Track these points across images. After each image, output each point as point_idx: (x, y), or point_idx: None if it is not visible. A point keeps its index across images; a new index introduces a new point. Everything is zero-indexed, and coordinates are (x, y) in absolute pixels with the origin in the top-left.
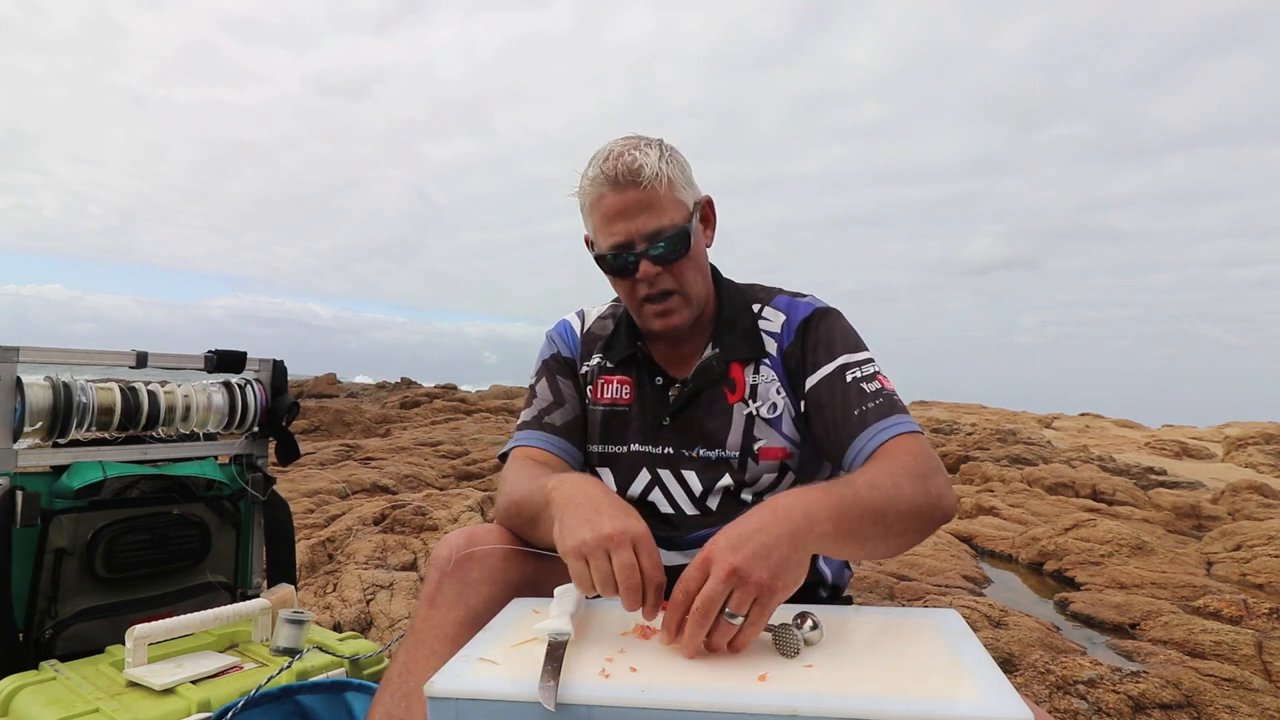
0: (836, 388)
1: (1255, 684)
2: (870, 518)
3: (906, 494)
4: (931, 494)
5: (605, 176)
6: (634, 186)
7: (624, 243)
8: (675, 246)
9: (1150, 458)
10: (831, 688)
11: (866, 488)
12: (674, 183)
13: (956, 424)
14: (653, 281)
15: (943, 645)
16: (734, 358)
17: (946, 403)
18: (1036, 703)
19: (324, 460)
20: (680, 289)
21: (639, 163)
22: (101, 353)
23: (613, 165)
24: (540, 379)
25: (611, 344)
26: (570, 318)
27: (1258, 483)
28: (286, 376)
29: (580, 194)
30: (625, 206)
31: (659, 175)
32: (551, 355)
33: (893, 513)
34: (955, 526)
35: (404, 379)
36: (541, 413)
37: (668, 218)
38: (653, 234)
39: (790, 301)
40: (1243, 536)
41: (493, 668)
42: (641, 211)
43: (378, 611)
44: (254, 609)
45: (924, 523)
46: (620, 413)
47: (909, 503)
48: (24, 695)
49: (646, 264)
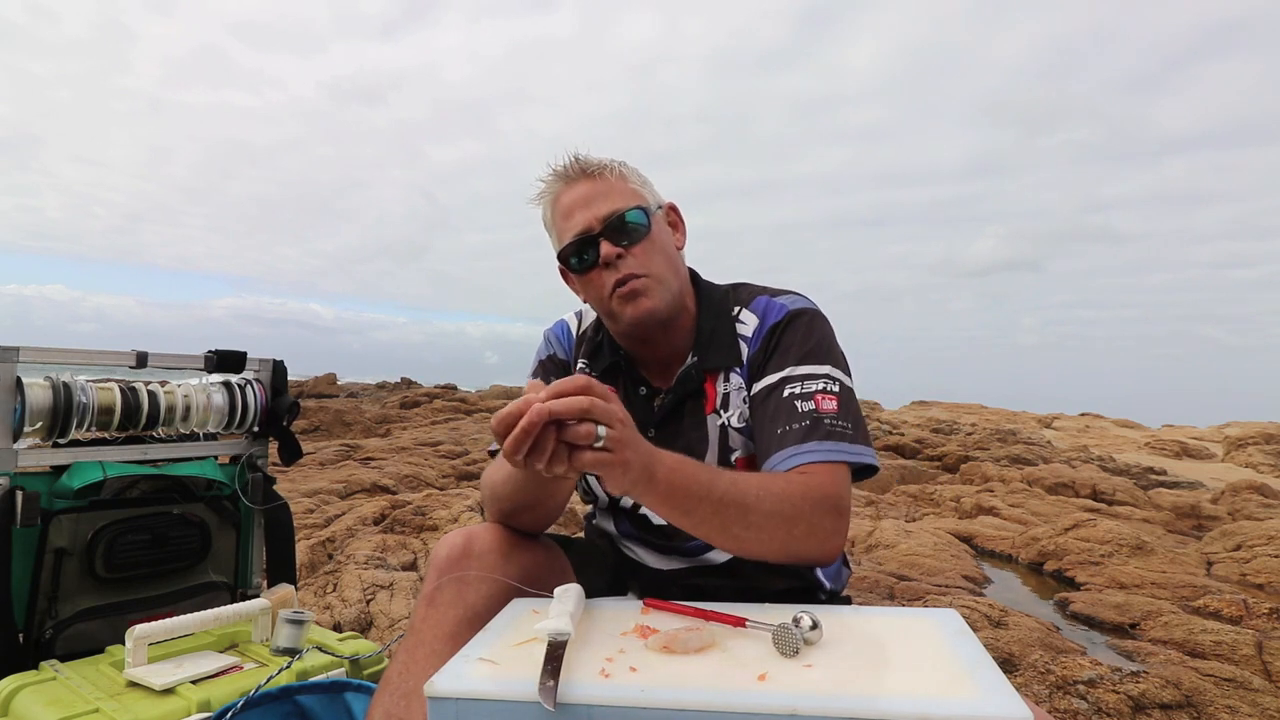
0: (771, 401)
1: (1255, 684)
2: (705, 511)
3: (762, 519)
4: (798, 532)
5: (555, 173)
6: (584, 177)
7: (582, 231)
8: (634, 227)
9: (1150, 458)
10: (831, 687)
11: (731, 488)
12: (626, 176)
13: (956, 424)
14: (614, 264)
15: (942, 645)
16: (710, 367)
17: (946, 403)
18: (1036, 703)
19: (324, 460)
20: (646, 272)
21: (587, 157)
22: (101, 353)
23: (561, 162)
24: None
25: (597, 352)
26: (568, 318)
27: (1258, 483)
28: (286, 376)
29: (543, 208)
30: (578, 196)
31: (608, 166)
32: (548, 356)
33: (741, 527)
34: (955, 526)
35: (404, 379)
36: None
37: (623, 202)
38: (608, 215)
39: (767, 303)
40: (1243, 536)
41: (493, 668)
42: (596, 198)
43: (378, 611)
44: (254, 609)
45: (782, 551)
46: None
47: (770, 528)
48: (24, 695)
49: (606, 244)
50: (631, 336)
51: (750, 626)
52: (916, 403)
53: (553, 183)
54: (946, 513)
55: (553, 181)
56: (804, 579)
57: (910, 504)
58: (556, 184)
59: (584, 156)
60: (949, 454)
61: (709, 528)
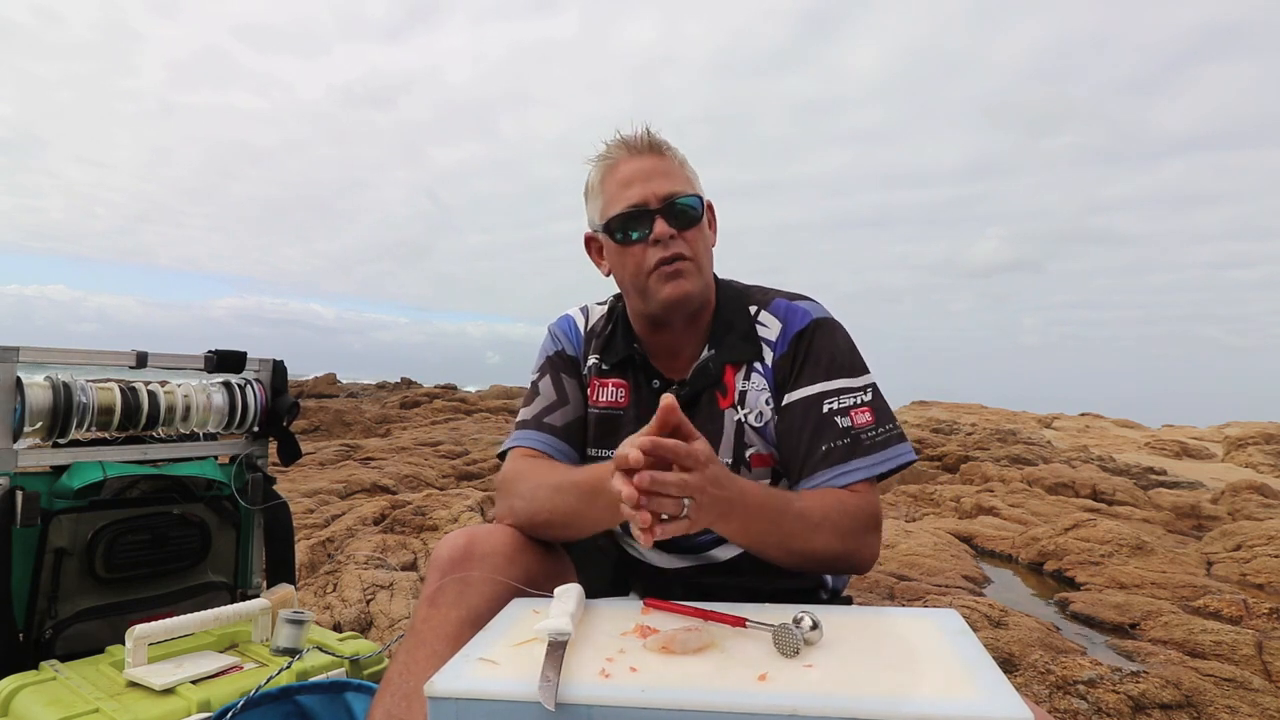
0: (811, 415)
1: (1255, 684)
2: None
3: (824, 541)
4: (848, 548)
5: (623, 143)
6: (651, 152)
7: (639, 203)
8: (690, 212)
9: (1150, 458)
10: (831, 687)
11: (797, 518)
12: (685, 164)
13: (956, 424)
14: (666, 243)
15: (942, 645)
16: (729, 359)
17: (946, 403)
18: (1036, 703)
19: (324, 460)
20: (693, 256)
21: (656, 134)
22: (101, 353)
23: (630, 134)
24: (544, 375)
25: (608, 345)
26: (574, 313)
27: (1258, 483)
28: (286, 376)
29: (592, 173)
30: (642, 169)
31: (674, 150)
32: (556, 352)
33: (803, 548)
34: (955, 526)
35: (404, 379)
36: (542, 412)
37: (683, 185)
38: (668, 195)
39: (789, 307)
40: (1243, 536)
41: (493, 667)
42: (657, 175)
43: (378, 611)
44: (254, 609)
45: (830, 568)
46: (615, 416)
47: (823, 547)
48: (24, 695)
49: (662, 222)
50: (655, 319)
51: (750, 626)
52: (916, 403)
53: (616, 149)
54: (946, 513)
55: (616, 148)
56: (807, 578)
57: (910, 504)
58: (619, 151)
59: (655, 133)
60: (949, 454)
61: (775, 551)
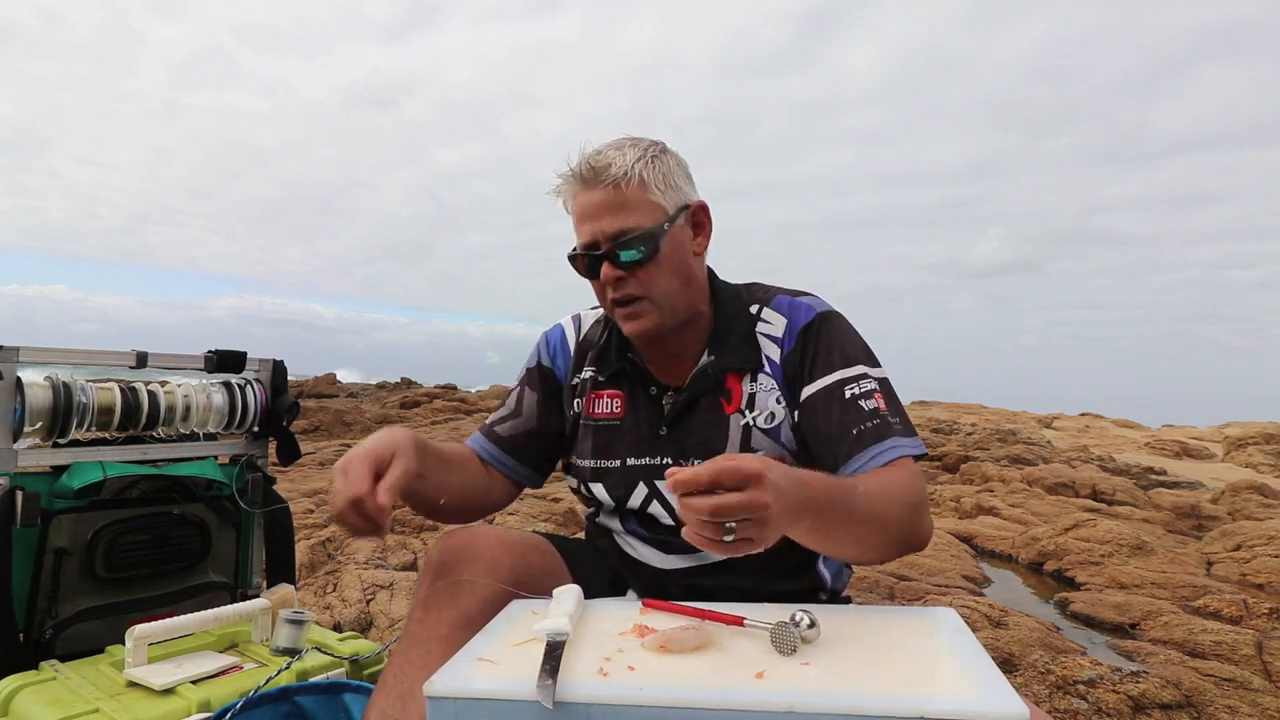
0: (835, 402)
1: (1255, 684)
2: (848, 526)
3: (895, 518)
4: (913, 524)
5: (573, 173)
6: (599, 185)
7: (589, 243)
8: (638, 250)
9: (1150, 458)
10: (828, 685)
11: (864, 499)
12: (647, 184)
13: (956, 424)
14: (615, 285)
15: (940, 643)
16: (730, 367)
17: (946, 403)
18: (1036, 703)
19: (324, 460)
20: (646, 295)
21: (607, 160)
22: (101, 353)
23: (580, 162)
24: (517, 386)
25: (603, 356)
26: (565, 323)
27: (1258, 483)
28: (286, 376)
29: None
30: (590, 205)
31: (628, 175)
32: (536, 365)
33: (875, 532)
34: (955, 526)
35: (404, 379)
36: (497, 420)
37: (634, 219)
38: (614, 235)
39: (791, 303)
40: (1243, 536)
41: (492, 667)
42: (606, 212)
43: (378, 611)
44: (254, 609)
45: (897, 549)
46: (612, 427)
47: (895, 527)
48: (24, 695)
49: (608, 267)
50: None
51: (748, 625)
52: (917, 402)
53: (570, 180)
54: (946, 513)
55: (570, 178)
56: (807, 578)
57: None
58: (573, 182)
59: (601, 159)
60: (949, 454)
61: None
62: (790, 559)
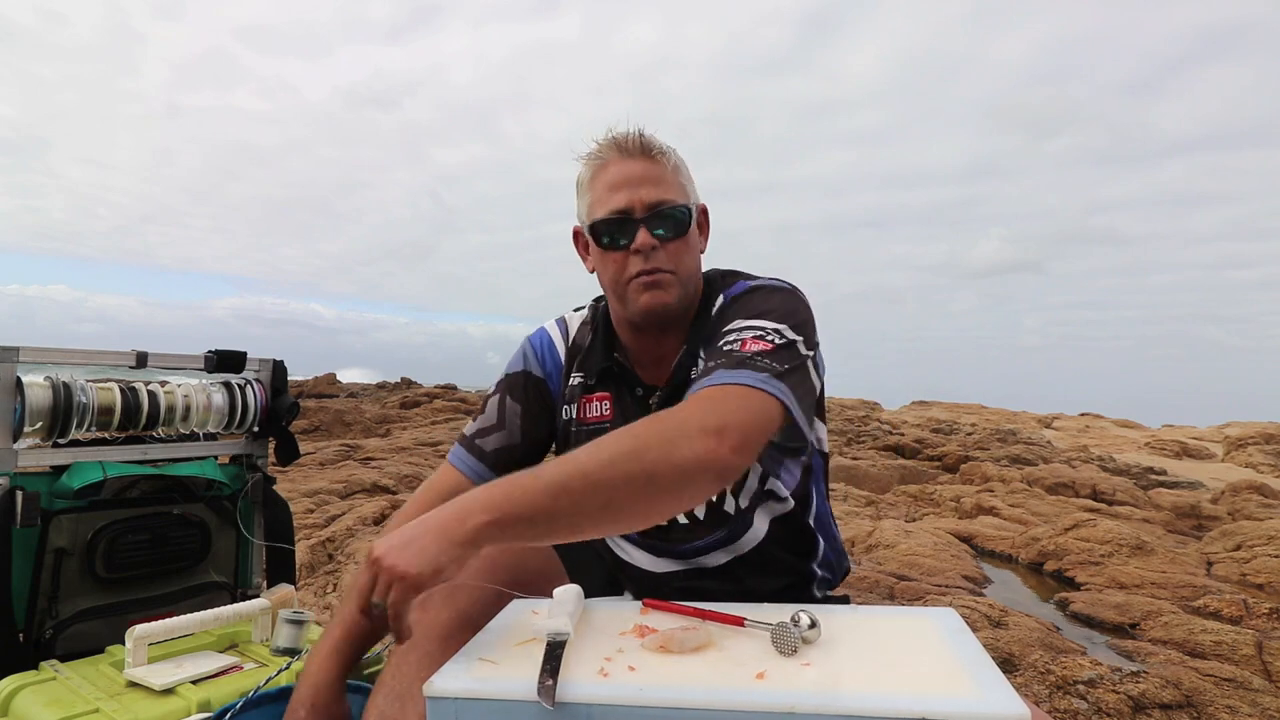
0: (713, 347)
1: (1255, 684)
2: (564, 497)
3: (633, 463)
4: (671, 450)
5: (614, 143)
6: (643, 156)
7: (624, 209)
8: (676, 222)
9: (1150, 458)
10: (829, 685)
11: (571, 463)
12: (679, 169)
13: (957, 424)
14: (648, 255)
15: (940, 643)
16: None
17: (947, 403)
18: (1036, 703)
19: (324, 460)
20: (674, 269)
21: (649, 136)
22: (101, 353)
23: (623, 134)
24: (495, 394)
25: (589, 358)
26: (550, 328)
27: (1258, 483)
28: (286, 376)
29: (582, 169)
30: (631, 174)
31: (667, 154)
32: (520, 371)
33: (606, 483)
34: (955, 526)
35: (404, 379)
36: (478, 433)
37: (671, 193)
38: (654, 204)
39: (740, 284)
40: (1243, 536)
41: (492, 667)
42: (646, 182)
43: None
44: (254, 609)
45: (674, 482)
46: (603, 430)
47: (652, 462)
48: (24, 695)
49: (644, 233)
50: (634, 324)
51: (749, 626)
52: (917, 403)
53: (607, 149)
54: (946, 513)
55: (607, 148)
56: (800, 577)
57: (910, 504)
58: (610, 152)
59: (648, 135)
60: (949, 454)
61: (597, 521)
62: (782, 559)
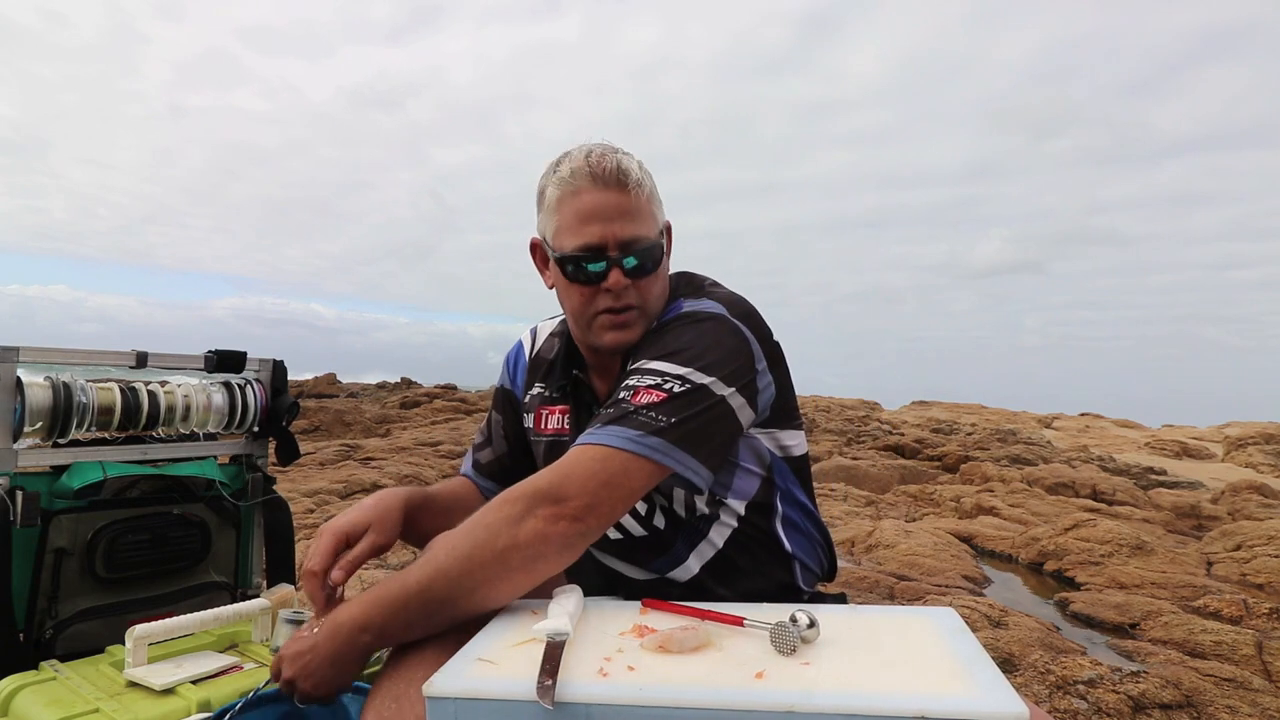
0: (614, 392)
1: (1255, 684)
2: (431, 600)
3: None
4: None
5: (589, 172)
6: (618, 188)
7: (596, 245)
8: (649, 260)
9: (1150, 458)
10: (828, 685)
11: (431, 565)
12: (651, 196)
13: (957, 424)
14: (619, 294)
15: (939, 642)
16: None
17: (947, 403)
18: (1036, 703)
19: (324, 460)
20: (642, 305)
21: (625, 166)
22: (101, 353)
23: (598, 162)
24: (492, 408)
25: (552, 370)
26: (524, 338)
27: (1258, 483)
28: (286, 376)
29: (550, 187)
30: (605, 206)
31: (641, 184)
32: (500, 386)
33: (465, 576)
34: (955, 526)
35: (404, 379)
36: (477, 447)
37: (644, 228)
38: (628, 242)
39: (675, 307)
40: (1243, 536)
41: (491, 668)
42: (620, 216)
43: None
44: (254, 609)
45: (524, 559)
46: (562, 444)
47: (502, 548)
48: (24, 695)
49: (618, 273)
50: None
51: (748, 625)
52: (917, 403)
53: (580, 177)
54: (946, 513)
55: (581, 175)
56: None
57: (910, 504)
58: (583, 180)
59: (624, 163)
60: (949, 454)
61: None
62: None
